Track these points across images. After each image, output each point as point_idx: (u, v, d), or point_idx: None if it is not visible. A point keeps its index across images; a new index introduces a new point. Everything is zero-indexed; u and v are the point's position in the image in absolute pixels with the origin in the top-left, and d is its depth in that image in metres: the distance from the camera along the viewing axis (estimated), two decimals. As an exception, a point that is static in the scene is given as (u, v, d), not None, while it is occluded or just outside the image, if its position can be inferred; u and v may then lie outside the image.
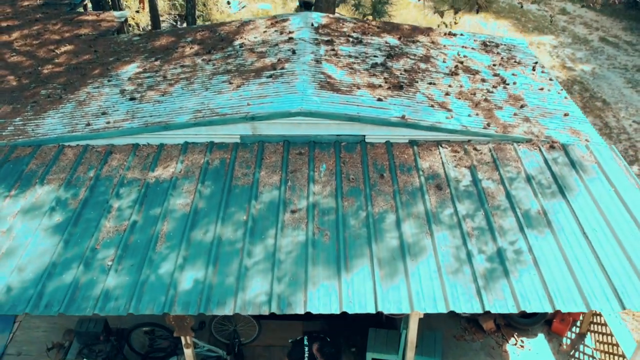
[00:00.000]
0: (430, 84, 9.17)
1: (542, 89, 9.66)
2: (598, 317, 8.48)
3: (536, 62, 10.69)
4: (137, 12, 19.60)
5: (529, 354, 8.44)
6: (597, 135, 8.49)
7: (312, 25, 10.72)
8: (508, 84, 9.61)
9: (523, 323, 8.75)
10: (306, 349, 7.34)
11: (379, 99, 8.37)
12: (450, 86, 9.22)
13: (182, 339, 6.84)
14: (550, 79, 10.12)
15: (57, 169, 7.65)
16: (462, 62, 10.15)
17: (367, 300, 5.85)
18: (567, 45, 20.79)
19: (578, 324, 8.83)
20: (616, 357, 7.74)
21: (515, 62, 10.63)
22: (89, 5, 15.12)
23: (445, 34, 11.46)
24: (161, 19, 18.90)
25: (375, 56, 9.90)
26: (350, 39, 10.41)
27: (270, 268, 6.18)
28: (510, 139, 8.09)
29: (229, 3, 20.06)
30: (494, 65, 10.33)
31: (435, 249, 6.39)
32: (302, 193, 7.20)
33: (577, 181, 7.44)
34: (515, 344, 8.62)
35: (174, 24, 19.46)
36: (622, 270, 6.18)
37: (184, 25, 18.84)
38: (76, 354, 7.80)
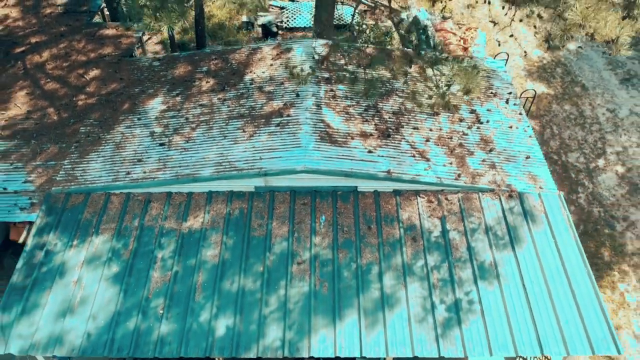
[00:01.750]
0: (414, 128, 10.76)
1: (511, 126, 11.25)
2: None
3: (510, 92, 12.16)
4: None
5: (484, 353, 10.71)
6: (550, 180, 10.21)
7: (314, 58, 12.06)
8: (482, 123, 11.19)
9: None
10: None
11: (370, 151, 10.03)
12: (431, 130, 10.82)
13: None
14: (520, 114, 11.67)
15: (107, 218, 9.48)
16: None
17: (354, 347, 7.94)
18: (557, 19, 21.67)
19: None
20: (549, 361, 10.02)
21: (492, 92, 12.10)
22: (105, 8, 16.08)
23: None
24: (168, -4, 19.73)
25: (368, 95, 11.38)
26: (347, 75, 11.80)
27: (282, 317, 8.22)
28: (477, 189, 9.85)
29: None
30: (472, 99, 11.81)
31: (408, 300, 8.40)
32: (305, 244, 9.09)
33: (526, 233, 9.30)
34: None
35: (181, 2, 20.30)
36: (547, 320, 8.22)
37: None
38: None
